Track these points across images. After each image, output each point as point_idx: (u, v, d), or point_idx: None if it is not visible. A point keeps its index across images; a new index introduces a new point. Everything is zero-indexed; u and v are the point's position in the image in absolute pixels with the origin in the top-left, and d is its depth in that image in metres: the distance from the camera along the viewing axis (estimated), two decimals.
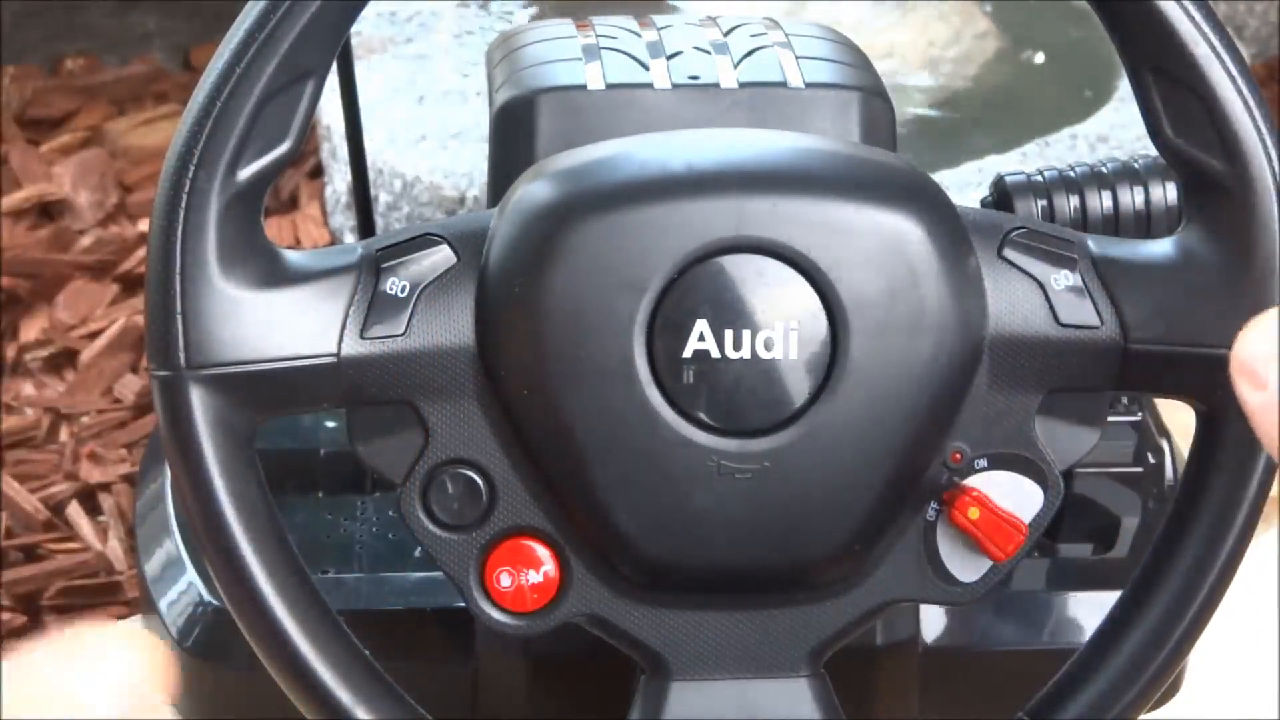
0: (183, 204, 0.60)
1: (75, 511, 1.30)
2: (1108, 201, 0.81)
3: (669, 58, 0.77)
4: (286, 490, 0.97)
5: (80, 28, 1.85)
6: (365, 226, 1.00)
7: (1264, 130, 0.62)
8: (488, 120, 0.78)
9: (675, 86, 0.75)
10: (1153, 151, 0.68)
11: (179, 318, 0.60)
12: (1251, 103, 0.62)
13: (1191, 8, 0.62)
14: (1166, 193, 0.81)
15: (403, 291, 0.62)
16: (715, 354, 0.61)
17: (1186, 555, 0.64)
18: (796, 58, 0.77)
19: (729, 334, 0.61)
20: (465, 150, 1.48)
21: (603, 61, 0.76)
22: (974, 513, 0.63)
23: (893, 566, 0.65)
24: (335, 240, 1.59)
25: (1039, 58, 1.50)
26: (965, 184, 1.43)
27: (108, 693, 0.44)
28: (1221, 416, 0.64)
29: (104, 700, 0.44)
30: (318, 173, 1.65)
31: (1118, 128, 1.52)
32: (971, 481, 0.64)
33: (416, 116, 1.52)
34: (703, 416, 0.61)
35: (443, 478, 0.63)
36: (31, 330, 1.48)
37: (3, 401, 1.40)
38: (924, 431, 0.62)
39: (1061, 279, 0.63)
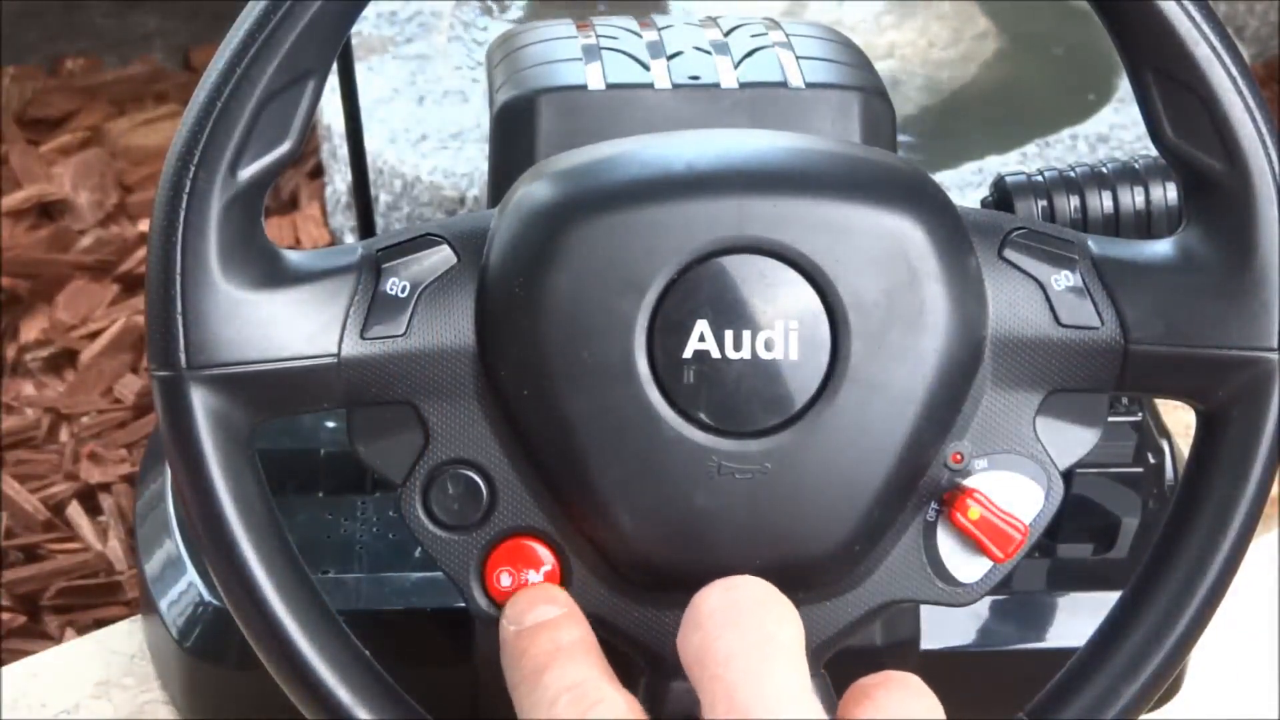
0: (183, 204, 0.60)
1: (75, 511, 1.30)
2: (1108, 202, 0.81)
3: (669, 58, 0.77)
4: (286, 490, 0.97)
5: (80, 28, 1.85)
6: (365, 226, 1.00)
7: (1264, 130, 0.62)
8: (488, 120, 0.78)
9: (675, 86, 0.75)
10: (1153, 151, 0.68)
11: (179, 318, 0.60)
12: (1251, 103, 0.62)
13: (1191, 8, 0.62)
14: (1166, 193, 0.81)
15: (403, 292, 0.62)
16: (715, 354, 0.61)
17: (1186, 555, 0.64)
18: (797, 58, 0.77)
19: (729, 334, 0.61)
20: (465, 150, 1.48)
21: (603, 61, 0.77)
22: (974, 513, 0.63)
23: (893, 567, 0.65)
24: (335, 240, 1.59)
25: None
26: (965, 184, 1.43)
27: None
28: (1222, 416, 0.64)
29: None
30: (318, 173, 1.65)
31: (1118, 128, 1.52)
32: (972, 482, 0.64)
33: (416, 116, 1.52)
34: (703, 417, 0.61)
35: (443, 478, 0.63)
36: (31, 330, 1.48)
37: (3, 401, 1.40)
38: (924, 432, 0.62)
39: (1062, 279, 0.64)
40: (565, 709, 0.56)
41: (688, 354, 0.61)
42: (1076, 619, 0.89)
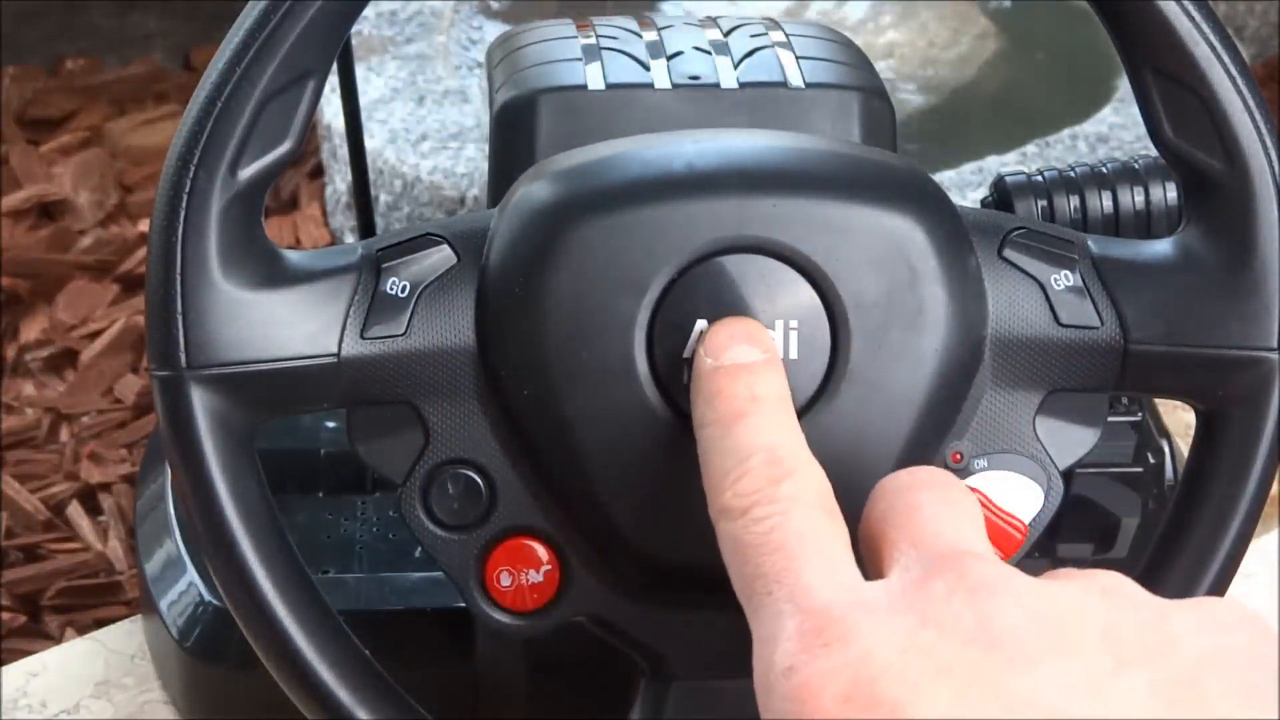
0: (183, 204, 0.60)
1: (75, 511, 1.30)
2: (1108, 201, 0.81)
3: (669, 58, 0.77)
4: (286, 490, 0.97)
5: (80, 28, 1.85)
6: (365, 226, 1.00)
7: (1264, 130, 0.62)
8: (488, 120, 0.78)
9: (675, 86, 0.75)
10: (1153, 151, 0.68)
11: (179, 318, 0.60)
12: (1251, 103, 0.62)
13: (1191, 8, 0.62)
14: (1166, 193, 0.81)
15: (403, 291, 0.62)
16: None
17: (1186, 555, 0.64)
18: (797, 58, 0.77)
19: None
20: (465, 150, 1.48)
21: (603, 61, 0.76)
22: None
23: None
24: (335, 240, 1.59)
25: None
26: (965, 184, 1.43)
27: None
28: (1222, 416, 0.64)
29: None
30: (318, 173, 1.65)
31: (1118, 128, 1.52)
32: (971, 481, 0.64)
33: (417, 116, 1.52)
34: None
35: (443, 478, 0.63)
36: (31, 330, 1.48)
37: (3, 401, 1.40)
38: (924, 431, 0.62)
39: (1062, 279, 0.63)
40: (759, 468, 0.53)
41: (688, 354, 0.60)
42: None
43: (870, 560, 0.52)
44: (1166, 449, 0.94)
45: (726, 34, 0.80)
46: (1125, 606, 0.48)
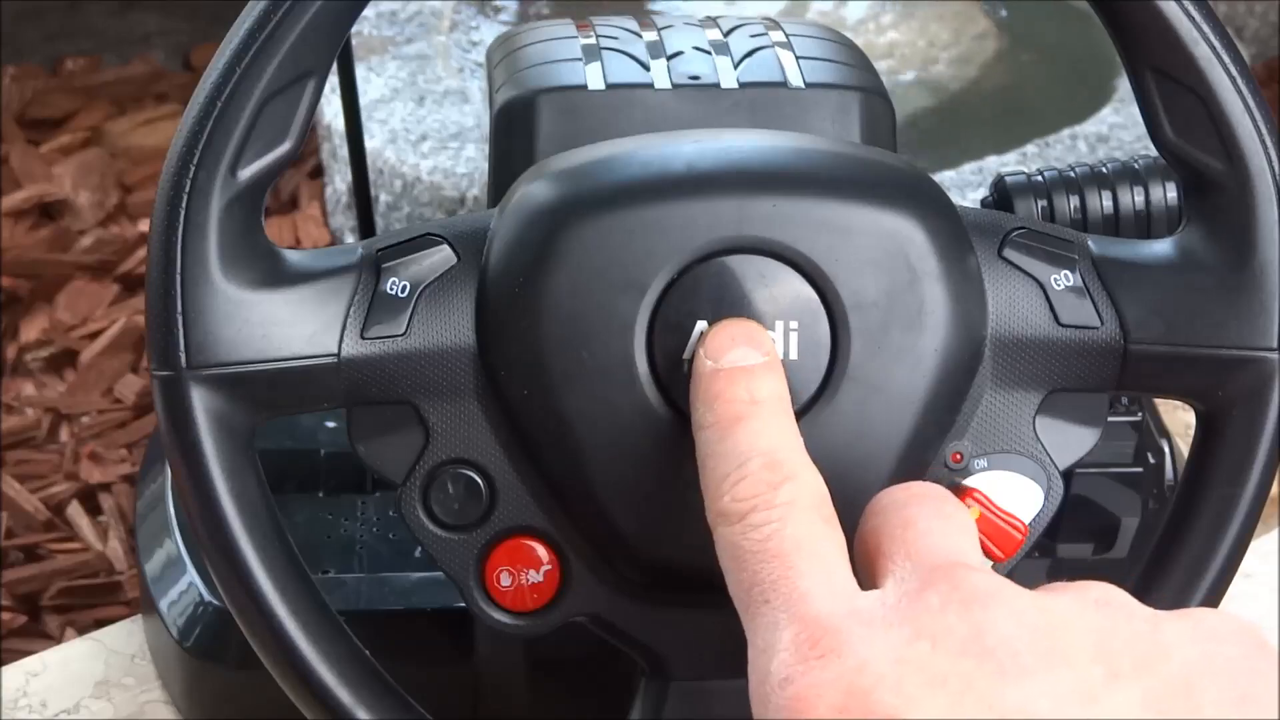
0: (183, 204, 0.60)
1: (75, 511, 1.30)
2: (1108, 201, 0.81)
3: (669, 58, 0.77)
4: (286, 490, 0.97)
5: (80, 28, 1.85)
6: (365, 226, 1.00)
7: (1264, 130, 0.62)
8: (488, 120, 0.78)
9: (675, 87, 0.75)
10: (1153, 151, 0.68)
11: (179, 318, 0.60)
12: (1251, 103, 0.62)
13: (1191, 8, 0.62)
14: (1166, 193, 0.81)
15: (403, 291, 0.62)
16: None
17: (1186, 555, 0.64)
18: (797, 58, 0.77)
19: None
20: (465, 150, 1.48)
21: (603, 61, 0.76)
22: (974, 513, 0.63)
23: None
24: (335, 240, 1.59)
25: None
26: (965, 184, 1.43)
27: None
28: (1222, 417, 0.64)
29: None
30: (318, 173, 1.65)
31: (1118, 128, 1.52)
32: (971, 482, 0.64)
33: (417, 116, 1.52)
34: None
35: (443, 478, 0.63)
36: (31, 330, 1.48)
37: (3, 401, 1.40)
38: (924, 431, 0.62)
39: (1062, 279, 0.64)
40: (757, 472, 0.53)
41: (688, 354, 0.60)
42: None
43: (865, 573, 0.52)
44: (1166, 449, 0.94)
45: (726, 34, 0.80)
46: (1118, 617, 0.48)
